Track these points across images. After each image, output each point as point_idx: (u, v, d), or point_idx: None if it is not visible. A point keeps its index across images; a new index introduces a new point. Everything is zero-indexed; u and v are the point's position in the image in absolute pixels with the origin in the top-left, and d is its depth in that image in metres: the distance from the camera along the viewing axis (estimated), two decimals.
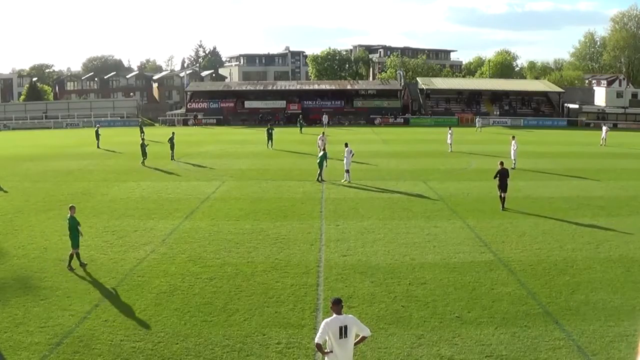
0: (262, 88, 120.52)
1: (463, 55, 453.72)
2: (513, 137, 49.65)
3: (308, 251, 24.14)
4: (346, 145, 41.70)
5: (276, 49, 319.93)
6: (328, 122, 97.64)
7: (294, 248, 24.54)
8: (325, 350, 11.98)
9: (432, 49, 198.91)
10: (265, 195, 36.11)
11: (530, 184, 40.34)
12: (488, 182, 40.79)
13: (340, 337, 11.96)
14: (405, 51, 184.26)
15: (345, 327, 12.02)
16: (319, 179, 40.83)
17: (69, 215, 22.67)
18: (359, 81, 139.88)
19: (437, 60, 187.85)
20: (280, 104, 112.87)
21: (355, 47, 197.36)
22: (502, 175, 32.65)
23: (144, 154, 50.00)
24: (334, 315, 12.16)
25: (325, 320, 12.12)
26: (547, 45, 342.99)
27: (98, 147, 63.69)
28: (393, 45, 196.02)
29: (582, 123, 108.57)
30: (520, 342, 15.77)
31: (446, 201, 34.54)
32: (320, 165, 40.92)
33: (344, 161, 41.03)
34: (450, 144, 60.54)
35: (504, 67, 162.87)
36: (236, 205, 33.26)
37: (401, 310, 17.91)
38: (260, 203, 33.81)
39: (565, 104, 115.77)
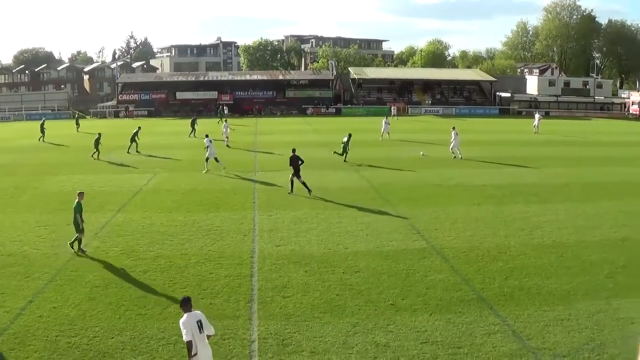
0: (193, 79, 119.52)
1: (395, 45, 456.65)
2: (453, 128, 50.13)
3: (241, 242, 24.18)
4: (206, 136, 42.70)
5: (208, 39, 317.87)
6: (228, 112, 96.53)
7: (227, 239, 24.55)
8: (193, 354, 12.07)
9: (365, 38, 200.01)
10: (197, 187, 35.94)
11: (463, 172, 40.98)
12: (421, 170, 41.53)
13: (200, 331, 12.20)
14: (337, 41, 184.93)
15: (200, 321, 12.30)
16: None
17: (76, 200, 22.84)
18: (291, 71, 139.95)
19: (369, 50, 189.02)
20: (212, 94, 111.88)
21: (287, 37, 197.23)
22: (294, 162, 33.45)
23: (97, 147, 48.24)
24: (186, 314, 12.37)
25: (182, 320, 12.30)
26: (480, 34, 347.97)
27: (43, 140, 62.22)
28: (325, 35, 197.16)
29: (514, 111, 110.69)
30: (456, 328, 16.07)
31: (379, 190, 34.90)
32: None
33: (207, 151, 41.44)
34: (387, 133, 61.35)
35: (436, 56, 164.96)
36: (168, 197, 33.04)
37: (336, 298, 18.11)
38: (192, 195, 33.66)
39: (497, 93, 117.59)
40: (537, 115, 74.69)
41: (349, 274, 20.28)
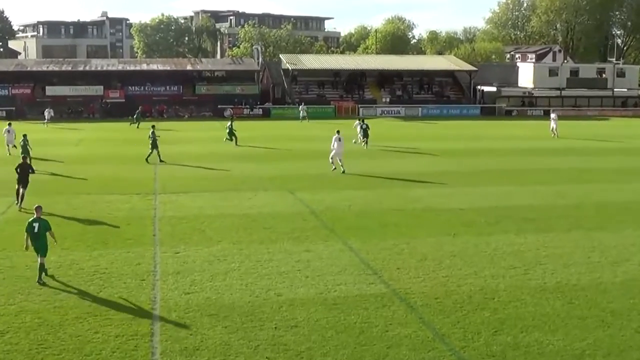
0: (70, 68, 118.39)
1: (342, 25, 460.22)
2: (338, 132, 49.92)
3: (138, 289, 23.84)
4: None
5: (90, 14, 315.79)
6: (51, 117, 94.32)
7: (118, 286, 24.15)
8: None
9: (301, 15, 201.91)
10: (76, 215, 35.41)
11: (433, 192, 41.32)
12: (376, 190, 41.66)
13: None
14: (264, 19, 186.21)
15: None
16: None
17: (35, 216, 23.89)
18: (203, 59, 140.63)
19: (308, 31, 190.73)
20: (96, 90, 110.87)
21: (197, 13, 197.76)
22: (23, 169, 37.05)
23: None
24: None
25: None
26: (455, 9, 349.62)
27: None
28: (248, 11, 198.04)
29: (501, 111, 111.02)
30: None
31: (321, 217, 34.96)
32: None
33: None
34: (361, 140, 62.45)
35: (397, 39, 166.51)
36: None
37: None
38: (70, 225, 33.12)
39: (479, 87, 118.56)
40: (552, 115, 77.14)
41: (284, 330, 20.11)
